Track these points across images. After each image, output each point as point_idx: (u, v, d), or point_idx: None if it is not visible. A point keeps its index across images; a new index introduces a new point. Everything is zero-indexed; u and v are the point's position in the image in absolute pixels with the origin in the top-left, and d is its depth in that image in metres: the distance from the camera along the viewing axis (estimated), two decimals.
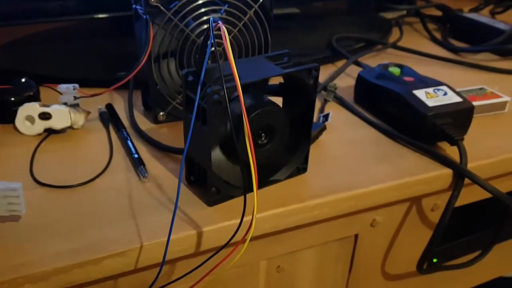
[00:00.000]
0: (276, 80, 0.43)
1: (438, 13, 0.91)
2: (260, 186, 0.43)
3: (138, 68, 0.47)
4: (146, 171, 0.43)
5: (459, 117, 0.50)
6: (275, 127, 0.41)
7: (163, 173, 0.44)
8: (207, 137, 0.37)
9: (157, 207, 0.40)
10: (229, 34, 0.51)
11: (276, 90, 0.44)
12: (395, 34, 0.83)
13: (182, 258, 0.40)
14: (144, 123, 0.53)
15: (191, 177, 0.42)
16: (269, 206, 0.41)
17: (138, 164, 0.44)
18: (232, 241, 0.37)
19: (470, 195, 0.54)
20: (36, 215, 0.38)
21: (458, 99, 0.51)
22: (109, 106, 0.54)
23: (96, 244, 0.36)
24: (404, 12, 0.92)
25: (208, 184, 0.39)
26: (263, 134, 0.41)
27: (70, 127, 0.50)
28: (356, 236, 0.50)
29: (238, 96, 0.40)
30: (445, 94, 0.52)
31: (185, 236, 0.37)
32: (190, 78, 0.39)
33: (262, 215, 0.40)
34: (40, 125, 0.49)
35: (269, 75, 0.39)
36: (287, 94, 0.44)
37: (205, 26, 0.50)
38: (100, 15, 0.65)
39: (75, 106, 0.52)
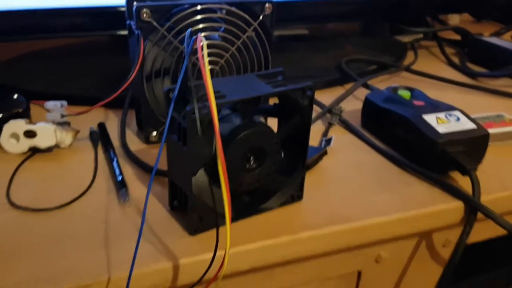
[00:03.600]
0: (272, 100, 0.39)
1: (457, 37, 0.88)
2: (249, 214, 0.39)
3: (124, 86, 0.44)
4: (128, 195, 0.40)
5: (473, 145, 0.46)
6: (266, 150, 0.37)
7: None
8: (188, 158, 0.34)
9: (134, 235, 0.36)
10: (226, 53, 0.49)
11: (272, 111, 0.41)
12: (410, 57, 0.80)
13: None
14: (136, 143, 0.50)
15: (174, 202, 0.39)
16: (258, 236, 0.37)
17: (119, 187, 0.41)
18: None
19: (485, 231, 0.49)
20: (4, 240, 0.36)
21: (472, 125, 0.47)
22: (101, 125, 0.52)
23: (62, 274, 0.32)
24: (421, 36, 0.89)
25: (189, 210, 0.36)
26: (252, 157, 0.37)
27: (57, 146, 0.48)
28: (359, 272, 0.46)
29: (225, 116, 0.37)
30: (458, 119, 0.48)
31: (159, 268, 0.33)
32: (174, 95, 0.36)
33: (249, 247, 0.36)
34: (25, 143, 0.47)
35: (257, 94, 0.36)
36: (282, 115, 0.40)
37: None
38: (97, 33, 0.64)
39: (64, 124, 0.49)
